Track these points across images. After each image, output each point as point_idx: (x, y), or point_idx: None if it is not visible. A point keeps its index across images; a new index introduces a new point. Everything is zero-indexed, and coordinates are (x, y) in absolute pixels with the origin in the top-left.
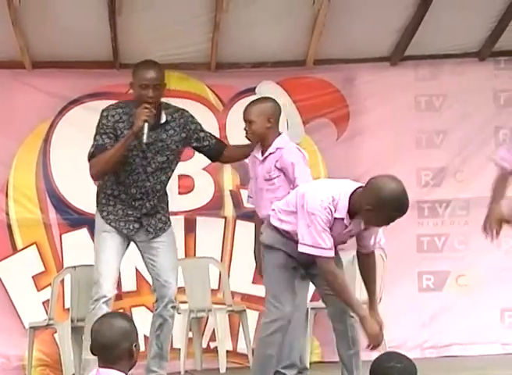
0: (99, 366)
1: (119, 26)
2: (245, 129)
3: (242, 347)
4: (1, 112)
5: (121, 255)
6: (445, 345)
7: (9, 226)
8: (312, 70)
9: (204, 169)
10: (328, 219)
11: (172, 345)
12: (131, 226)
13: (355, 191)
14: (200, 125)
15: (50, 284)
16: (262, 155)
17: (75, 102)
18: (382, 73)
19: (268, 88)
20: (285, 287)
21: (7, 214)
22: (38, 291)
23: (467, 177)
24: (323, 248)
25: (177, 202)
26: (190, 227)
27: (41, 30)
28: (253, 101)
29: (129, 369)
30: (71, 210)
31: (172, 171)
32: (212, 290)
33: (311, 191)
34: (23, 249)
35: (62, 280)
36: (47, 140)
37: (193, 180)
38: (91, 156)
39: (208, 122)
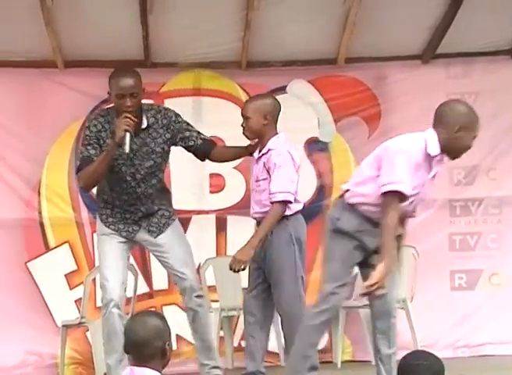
0: (132, 365)
1: (151, 25)
2: (242, 125)
3: (273, 345)
4: (33, 111)
5: (125, 257)
6: (477, 344)
7: (42, 225)
8: (343, 69)
9: (235, 167)
10: (416, 159)
11: None
12: (130, 229)
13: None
14: (187, 123)
15: (82, 283)
16: (259, 153)
17: (106, 101)
18: (413, 71)
19: (298, 87)
20: (342, 279)
21: (40, 213)
22: (70, 289)
23: (499, 175)
24: (398, 182)
25: (208, 201)
26: (221, 226)
27: (73, 29)
28: (251, 98)
29: (163, 368)
30: None
31: (163, 171)
32: (243, 288)
33: (394, 139)
34: (55, 248)
35: (94, 279)
36: (79, 139)
37: (224, 179)
38: (78, 169)
39: (239, 120)
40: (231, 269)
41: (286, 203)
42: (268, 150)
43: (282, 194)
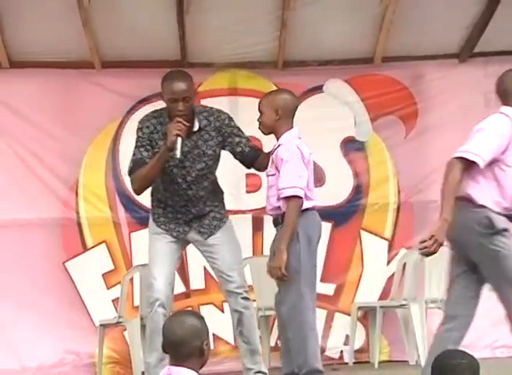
0: (170, 364)
1: (187, 25)
2: (258, 120)
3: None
4: (71, 111)
5: (175, 257)
6: None
7: (79, 225)
8: (380, 68)
9: None
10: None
11: None
12: (181, 229)
13: None
14: (238, 129)
15: (119, 282)
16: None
17: (143, 101)
18: (450, 70)
19: (335, 86)
20: None
21: (77, 213)
22: (108, 289)
23: None
24: (470, 152)
25: (245, 201)
26: (257, 226)
27: (110, 29)
28: (267, 93)
29: (200, 368)
30: (140, 209)
31: (214, 174)
32: None
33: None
34: (92, 247)
35: (131, 279)
36: (116, 139)
37: (261, 178)
38: (130, 171)
39: None
40: (272, 276)
41: (298, 197)
42: (279, 145)
43: (290, 189)
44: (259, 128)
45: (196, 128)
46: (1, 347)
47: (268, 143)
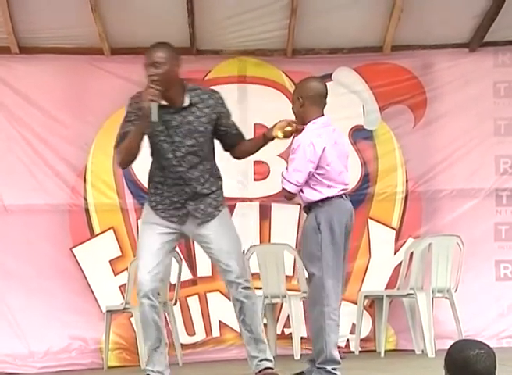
0: None
1: (197, 12)
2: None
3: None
4: (79, 98)
5: (165, 249)
6: None
7: (87, 211)
8: (389, 56)
9: (279, 155)
10: None
11: None
12: (180, 213)
13: None
14: (228, 111)
15: (126, 269)
16: None
17: None
18: (460, 59)
19: (344, 75)
20: None
21: (85, 199)
22: (115, 275)
23: None
24: None
25: (252, 189)
26: (265, 214)
27: (120, 16)
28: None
29: None
30: (147, 195)
31: (207, 154)
32: (287, 276)
33: None
34: (100, 234)
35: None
36: None
37: (269, 166)
38: (116, 145)
39: (284, 108)
40: None
41: (286, 191)
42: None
43: (283, 180)
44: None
45: (186, 104)
46: (10, 332)
47: None
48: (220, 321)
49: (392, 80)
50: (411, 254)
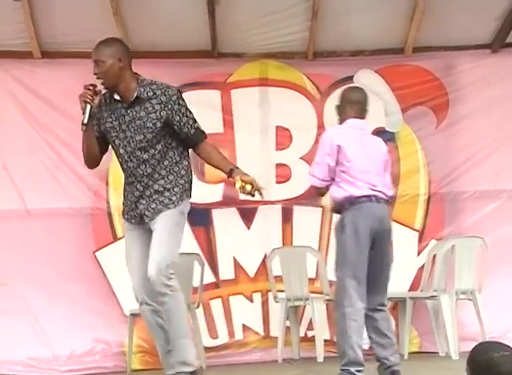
0: None
1: (218, 15)
2: None
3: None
4: None
5: (145, 250)
6: None
7: (110, 215)
8: (411, 58)
9: (301, 158)
10: None
11: (269, 333)
12: (135, 213)
13: None
14: (186, 109)
15: None
16: None
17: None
18: (482, 60)
19: (366, 77)
20: None
21: (108, 202)
22: None
23: None
24: None
25: (274, 191)
26: (287, 216)
27: (141, 19)
28: None
29: None
30: None
31: (158, 151)
32: (310, 279)
33: None
34: (123, 237)
35: None
36: None
37: (290, 169)
38: None
39: (305, 110)
40: None
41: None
42: None
43: (308, 175)
44: None
45: (133, 97)
46: (34, 335)
47: (296, 133)
48: (243, 324)
49: (414, 82)
50: (434, 256)
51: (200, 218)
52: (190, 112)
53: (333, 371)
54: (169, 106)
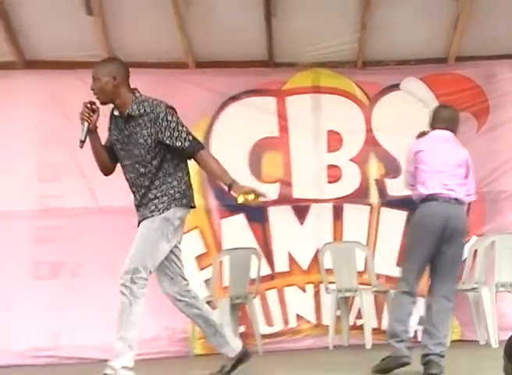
0: None
1: (274, 27)
2: None
3: (387, 325)
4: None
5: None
6: None
7: None
8: (454, 67)
9: (351, 159)
10: None
11: (320, 322)
12: (138, 219)
13: None
14: (177, 123)
15: (211, 264)
16: None
17: (233, 99)
18: None
19: (411, 84)
20: None
21: None
22: (200, 270)
23: None
24: None
25: (326, 191)
26: (337, 214)
27: (204, 32)
28: None
29: None
30: (229, 197)
31: (154, 166)
32: (358, 272)
33: None
34: (187, 232)
35: (221, 261)
36: (208, 133)
37: (341, 170)
38: None
39: (355, 116)
40: None
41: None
42: None
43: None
44: None
45: (127, 113)
46: (108, 323)
47: (346, 136)
48: (297, 313)
49: (457, 89)
50: (475, 251)
51: (257, 215)
52: (182, 126)
53: (380, 357)
54: (158, 123)
